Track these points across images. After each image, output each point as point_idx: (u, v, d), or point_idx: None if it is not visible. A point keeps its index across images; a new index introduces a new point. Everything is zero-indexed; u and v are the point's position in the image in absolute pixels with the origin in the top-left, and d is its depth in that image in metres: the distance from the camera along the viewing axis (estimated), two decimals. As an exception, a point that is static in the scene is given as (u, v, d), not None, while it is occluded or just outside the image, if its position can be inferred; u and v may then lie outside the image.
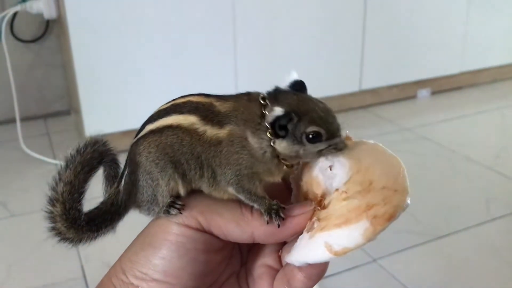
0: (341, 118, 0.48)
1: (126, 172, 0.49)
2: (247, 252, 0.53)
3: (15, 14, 2.32)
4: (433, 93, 2.86)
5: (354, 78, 2.57)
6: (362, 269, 1.44)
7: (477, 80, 2.98)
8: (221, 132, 0.46)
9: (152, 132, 0.47)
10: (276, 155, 0.46)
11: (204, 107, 0.47)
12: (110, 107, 2.09)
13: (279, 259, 0.51)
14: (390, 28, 2.58)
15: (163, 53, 2.11)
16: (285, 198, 0.50)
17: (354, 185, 0.45)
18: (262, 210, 0.46)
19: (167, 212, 0.47)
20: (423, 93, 2.83)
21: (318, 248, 0.44)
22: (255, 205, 0.47)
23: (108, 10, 1.97)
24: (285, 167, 0.47)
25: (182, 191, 0.48)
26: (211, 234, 0.47)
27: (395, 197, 0.43)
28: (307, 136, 0.45)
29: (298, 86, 0.48)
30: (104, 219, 0.50)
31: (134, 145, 0.48)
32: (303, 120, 0.45)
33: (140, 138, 0.48)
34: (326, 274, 0.49)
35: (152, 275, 0.46)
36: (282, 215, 0.46)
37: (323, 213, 0.45)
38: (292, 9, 2.31)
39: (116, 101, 2.09)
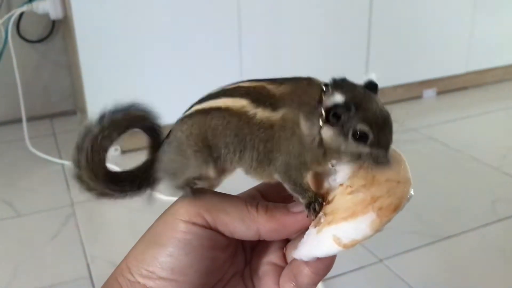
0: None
1: (164, 141, 0.50)
2: (251, 251, 0.53)
3: (21, 15, 2.33)
4: (439, 93, 2.84)
5: (359, 78, 2.56)
6: (368, 270, 1.43)
7: (483, 80, 2.96)
8: (274, 116, 0.45)
9: (198, 112, 0.47)
10: (323, 144, 0.45)
11: (255, 90, 0.46)
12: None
13: (284, 256, 0.51)
14: (395, 28, 2.57)
15: (168, 53, 2.11)
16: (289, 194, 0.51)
17: (357, 179, 0.45)
18: (303, 203, 0.46)
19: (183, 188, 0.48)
20: (429, 93, 2.82)
21: (327, 241, 0.44)
22: (299, 197, 0.46)
23: (114, 10, 1.98)
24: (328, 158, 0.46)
25: (211, 173, 0.48)
26: (217, 231, 0.47)
27: (399, 189, 0.44)
28: (353, 133, 0.43)
29: (371, 86, 0.46)
30: (131, 182, 0.51)
31: (180, 122, 0.48)
32: (358, 115, 0.43)
33: (186, 116, 0.48)
34: (331, 275, 0.49)
35: (159, 273, 0.46)
36: (317, 209, 0.46)
37: (328, 208, 0.46)
38: (297, 8, 2.30)
39: (122, 101, 2.09)
